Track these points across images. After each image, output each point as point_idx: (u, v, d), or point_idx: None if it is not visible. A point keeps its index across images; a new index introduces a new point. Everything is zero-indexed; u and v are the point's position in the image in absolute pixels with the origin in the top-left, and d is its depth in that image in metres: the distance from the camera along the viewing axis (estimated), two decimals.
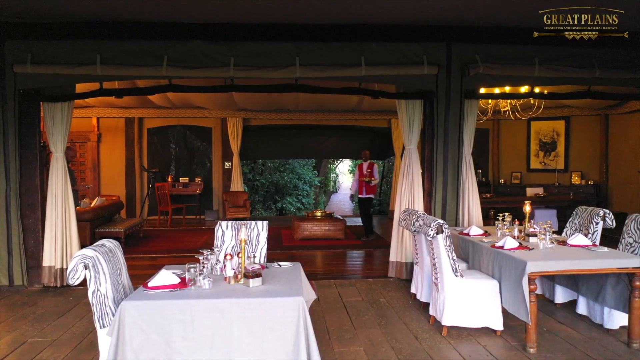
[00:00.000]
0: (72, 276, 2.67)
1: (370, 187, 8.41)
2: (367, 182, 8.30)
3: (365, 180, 8.30)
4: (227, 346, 2.60)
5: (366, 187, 8.37)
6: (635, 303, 3.63)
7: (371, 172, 8.39)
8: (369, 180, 8.28)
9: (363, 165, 8.51)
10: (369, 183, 8.31)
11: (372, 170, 8.42)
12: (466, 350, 3.64)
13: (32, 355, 3.59)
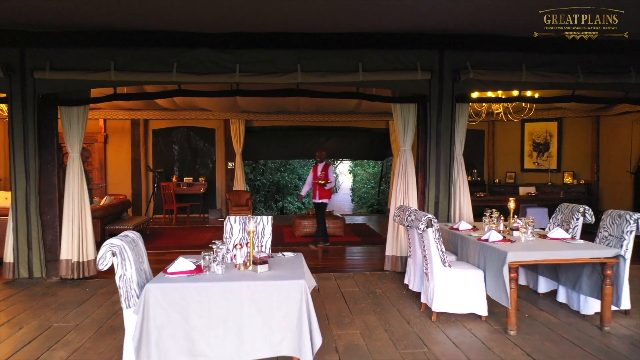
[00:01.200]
0: (102, 262, 3.03)
1: (325, 191, 7.79)
2: (321, 185, 7.73)
3: (319, 183, 7.74)
4: (238, 323, 2.96)
5: (320, 190, 7.76)
6: (607, 290, 4.00)
7: (326, 174, 7.77)
8: (324, 183, 7.71)
9: (317, 167, 7.89)
10: (323, 186, 7.74)
11: (327, 172, 7.79)
12: (453, 333, 4.00)
13: (59, 338, 3.95)
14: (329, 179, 7.76)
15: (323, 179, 7.72)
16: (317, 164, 7.93)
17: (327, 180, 7.74)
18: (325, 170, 7.79)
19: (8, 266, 5.73)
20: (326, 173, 7.78)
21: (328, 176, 7.77)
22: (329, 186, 7.80)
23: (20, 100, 5.60)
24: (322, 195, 7.78)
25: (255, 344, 2.95)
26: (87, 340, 3.90)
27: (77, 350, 3.68)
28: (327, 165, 7.87)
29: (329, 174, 7.80)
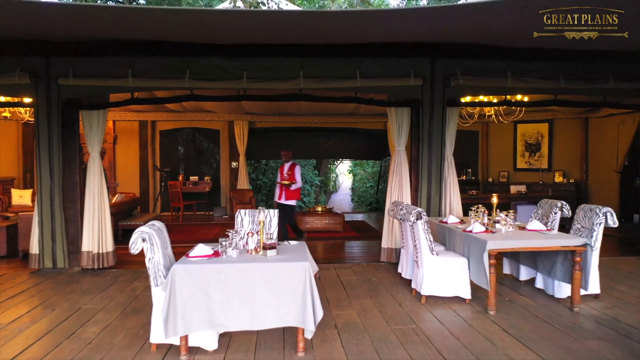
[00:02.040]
0: (133, 247, 3.52)
1: (291, 192, 7.56)
2: (286, 186, 7.56)
3: (283, 184, 7.57)
4: (251, 298, 3.46)
5: (286, 191, 7.55)
6: (576, 275, 4.50)
7: (292, 174, 7.56)
8: (288, 183, 7.52)
9: (284, 167, 7.72)
10: (288, 187, 7.55)
11: (294, 172, 7.58)
12: (440, 313, 4.50)
13: (89, 317, 4.44)
14: (295, 179, 7.51)
15: (289, 179, 7.51)
16: (284, 164, 7.75)
17: (293, 180, 7.49)
18: (291, 171, 7.57)
19: (34, 257, 6.23)
20: (292, 173, 7.54)
21: (294, 176, 7.53)
22: (295, 187, 7.54)
23: (45, 104, 6.10)
24: (289, 196, 7.55)
25: (266, 315, 3.45)
26: (114, 319, 4.40)
27: (106, 327, 4.18)
28: (293, 166, 7.66)
29: (296, 175, 7.55)
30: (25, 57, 6.07)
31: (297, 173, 7.62)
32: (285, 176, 7.58)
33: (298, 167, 7.68)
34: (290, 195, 7.57)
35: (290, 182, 7.50)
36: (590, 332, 3.99)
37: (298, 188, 7.67)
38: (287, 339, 3.84)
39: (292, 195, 7.59)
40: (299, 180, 7.61)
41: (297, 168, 7.66)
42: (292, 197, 7.60)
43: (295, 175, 7.57)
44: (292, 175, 7.56)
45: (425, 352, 3.59)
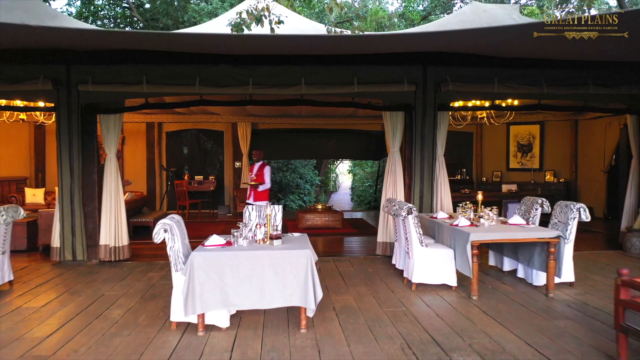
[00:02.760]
0: (157, 237, 4.02)
1: (260, 193, 7.31)
2: (253, 187, 7.31)
3: (250, 184, 7.34)
4: (260, 281, 3.95)
5: (254, 192, 7.31)
6: (550, 264, 4.99)
7: (261, 175, 7.31)
8: (256, 184, 7.26)
9: (253, 167, 7.49)
10: (256, 188, 7.30)
11: (262, 173, 7.32)
12: (428, 298, 4.99)
13: (112, 302, 4.94)
14: (263, 180, 7.29)
15: (257, 179, 7.31)
16: (254, 164, 7.52)
17: (261, 181, 7.29)
18: (260, 171, 7.35)
19: (55, 250, 6.74)
20: (261, 173, 7.32)
21: (263, 177, 7.30)
22: (263, 188, 7.31)
23: (66, 109, 6.60)
24: (257, 197, 7.31)
25: (273, 296, 3.95)
26: (135, 303, 4.90)
27: (129, 310, 4.68)
28: (263, 166, 7.41)
29: (265, 175, 7.31)
30: (48, 65, 6.56)
31: (266, 174, 7.34)
32: (254, 177, 7.36)
33: (268, 168, 7.42)
34: (258, 196, 7.30)
35: (258, 182, 7.27)
36: (560, 314, 4.49)
37: (267, 189, 7.39)
38: (291, 319, 4.33)
39: (260, 196, 7.31)
40: (267, 181, 7.33)
41: (266, 169, 7.38)
42: (260, 198, 7.30)
43: (264, 175, 7.31)
44: (260, 176, 7.31)
45: (412, 329, 4.08)
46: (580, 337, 3.90)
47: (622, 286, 3.23)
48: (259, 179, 7.29)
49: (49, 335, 4.01)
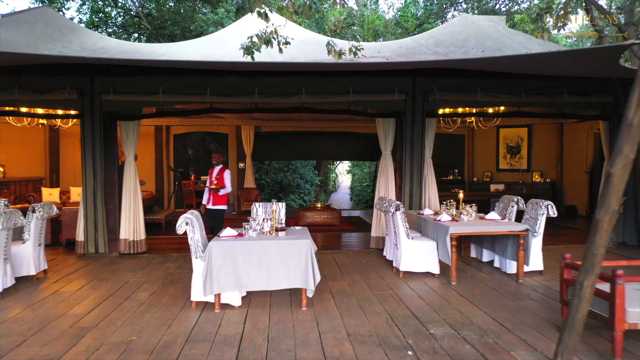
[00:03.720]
0: (179, 229, 4.74)
1: (220, 197, 7.24)
2: (213, 190, 7.23)
3: (211, 188, 7.25)
4: (268, 266, 4.67)
5: (214, 196, 7.23)
6: (520, 254, 5.71)
7: (221, 178, 7.26)
8: (216, 188, 7.19)
9: (213, 171, 7.41)
10: (216, 191, 7.22)
11: (222, 176, 7.27)
12: (413, 284, 5.70)
13: (137, 287, 5.65)
14: (224, 184, 7.24)
15: (217, 183, 7.23)
16: (214, 167, 7.45)
17: (222, 185, 7.23)
18: (220, 175, 7.29)
19: (79, 244, 7.46)
20: (221, 177, 7.27)
21: (223, 181, 7.25)
22: (223, 192, 7.25)
23: (90, 116, 7.31)
24: (217, 201, 7.24)
25: (278, 279, 4.67)
26: (157, 287, 5.62)
27: (153, 293, 5.39)
28: (223, 169, 7.36)
29: (225, 179, 7.27)
30: (74, 77, 7.27)
31: (226, 178, 7.30)
32: (214, 180, 7.29)
33: (228, 172, 7.37)
34: (218, 200, 7.25)
35: (219, 186, 7.22)
36: (525, 296, 5.21)
37: (227, 193, 7.35)
38: (294, 299, 5.05)
39: (220, 200, 7.28)
40: (228, 185, 7.29)
41: (226, 172, 7.34)
42: (220, 202, 7.28)
43: (224, 179, 7.28)
44: (221, 180, 7.26)
45: (397, 307, 4.80)
46: (539, 313, 4.61)
47: (565, 267, 3.94)
48: (220, 183, 7.23)
49: (88, 312, 4.73)
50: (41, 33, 8.85)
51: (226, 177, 7.30)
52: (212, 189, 7.24)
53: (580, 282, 3.03)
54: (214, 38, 9.65)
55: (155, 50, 8.59)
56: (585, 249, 3.01)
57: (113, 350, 3.76)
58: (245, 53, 5.43)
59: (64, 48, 8.00)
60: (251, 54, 5.44)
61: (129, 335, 4.08)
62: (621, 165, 2.75)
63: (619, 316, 3.34)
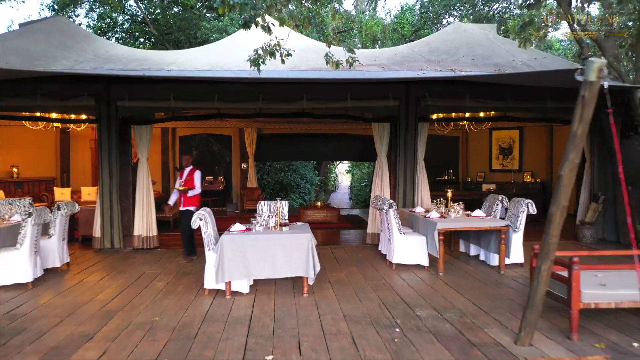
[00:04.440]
0: (194, 224, 5.30)
1: (190, 198, 7.23)
2: (182, 192, 7.23)
3: (179, 189, 7.27)
4: (273, 258, 5.23)
5: (184, 198, 7.24)
6: (502, 248, 6.27)
7: (191, 179, 7.24)
8: (184, 189, 7.19)
9: (183, 172, 7.40)
10: (185, 193, 7.21)
11: (192, 178, 7.25)
12: (404, 275, 6.27)
13: (153, 278, 6.22)
14: (193, 185, 7.23)
15: (186, 184, 7.23)
16: (184, 169, 7.45)
17: (191, 186, 7.22)
18: (190, 176, 7.28)
19: (96, 239, 8.02)
20: (191, 178, 7.26)
21: (193, 182, 7.24)
22: (192, 193, 7.24)
23: (106, 121, 7.88)
24: (187, 203, 7.24)
25: (282, 269, 5.23)
26: (172, 278, 6.18)
27: (169, 283, 5.95)
28: (193, 170, 7.33)
29: (195, 180, 7.26)
30: (91, 84, 7.83)
31: (197, 179, 7.28)
32: (181, 182, 7.31)
33: (198, 173, 7.34)
34: (188, 201, 7.27)
35: (188, 187, 7.22)
36: (505, 285, 5.77)
37: (197, 194, 7.33)
38: (296, 288, 5.61)
39: (190, 202, 7.28)
40: (198, 186, 7.28)
41: (196, 173, 7.31)
42: (190, 203, 7.27)
43: (194, 180, 7.27)
44: (190, 181, 7.27)
45: (388, 294, 5.36)
46: (515, 299, 5.17)
47: (534, 257, 4.50)
48: (189, 184, 7.23)
49: (112, 298, 5.29)
50: (57, 42, 9.46)
51: (196, 178, 7.28)
52: (181, 190, 7.25)
53: (538, 267, 3.60)
54: (219, 45, 10.24)
55: (165, 57, 9.21)
56: (542, 239, 3.57)
57: (139, 328, 4.32)
58: (252, 65, 6.00)
59: (79, 56, 8.63)
60: (257, 66, 6.02)
61: (152, 317, 4.65)
62: (569, 169, 3.32)
63: (575, 297, 3.90)
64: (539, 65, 9.04)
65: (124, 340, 4.03)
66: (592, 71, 3.24)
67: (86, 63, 8.41)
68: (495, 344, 3.92)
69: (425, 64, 9.04)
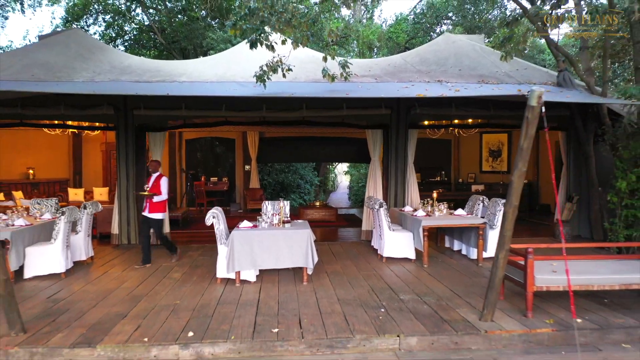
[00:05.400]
0: (208, 221, 6.08)
1: (155, 204, 7.19)
2: (148, 197, 7.21)
3: (142, 194, 7.30)
4: (276, 250, 6.01)
5: (150, 203, 7.19)
6: (480, 242, 7.06)
7: (157, 185, 7.19)
8: (150, 195, 7.15)
9: (150, 178, 7.38)
10: (150, 198, 7.18)
11: (159, 184, 7.20)
12: (392, 267, 7.05)
13: (170, 269, 6.99)
14: (159, 191, 7.17)
15: (152, 190, 7.18)
16: (151, 175, 7.42)
17: (157, 192, 7.16)
18: (156, 182, 7.23)
19: (114, 236, 8.80)
20: (157, 184, 7.21)
21: (159, 188, 7.19)
22: (158, 199, 7.19)
23: (124, 129, 8.65)
24: (152, 209, 7.20)
25: (285, 260, 6.02)
26: (187, 269, 6.96)
27: (184, 273, 6.73)
28: (159, 177, 7.30)
29: (161, 186, 7.20)
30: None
31: (163, 185, 7.24)
32: (148, 187, 7.29)
33: (165, 179, 7.32)
34: (154, 207, 7.23)
35: (153, 193, 7.18)
36: (480, 275, 6.55)
37: (163, 200, 7.29)
38: (297, 277, 6.39)
39: (156, 208, 7.25)
40: (164, 192, 7.24)
41: (163, 179, 7.28)
42: (157, 209, 7.26)
43: (160, 187, 7.22)
44: (157, 187, 7.22)
45: (377, 282, 6.15)
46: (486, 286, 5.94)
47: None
48: (155, 190, 7.20)
49: (137, 286, 6.07)
50: (75, 53, 10.27)
51: (162, 185, 7.24)
52: (146, 196, 7.25)
53: (496, 255, 4.38)
54: (225, 56, 11.01)
55: (176, 68, 10.01)
56: (499, 232, 4.35)
57: (164, 309, 5.10)
58: (258, 80, 6.78)
59: (96, 67, 9.44)
60: (263, 82, 6.80)
61: (173, 300, 5.43)
62: (517, 176, 4.11)
63: (529, 281, 4.68)
64: (520, 75, 9.87)
65: (153, 318, 4.82)
66: (533, 98, 4.02)
67: (104, 74, 9.23)
68: (463, 320, 4.70)
69: (415, 75, 9.84)
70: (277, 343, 4.24)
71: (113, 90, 7.66)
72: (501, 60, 8.72)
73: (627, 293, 5.49)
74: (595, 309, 5.04)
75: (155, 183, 7.29)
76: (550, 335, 4.43)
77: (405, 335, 4.34)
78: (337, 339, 4.28)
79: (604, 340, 4.45)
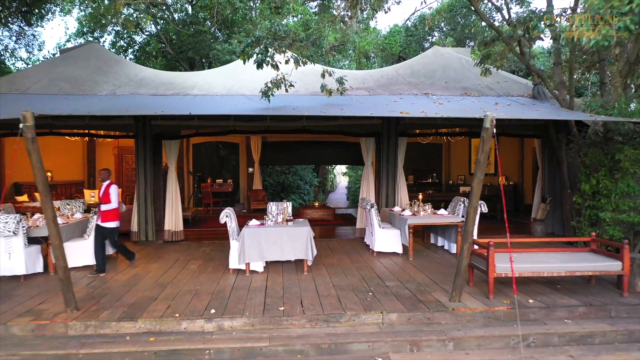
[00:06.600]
0: (222, 220, 7.07)
1: (106, 213, 7.08)
2: (97, 204, 7.23)
3: (97, 204, 7.22)
4: (280, 245, 7.00)
5: (101, 212, 7.09)
6: (458, 238, 8.04)
7: (107, 194, 7.07)
8: (99, 203, 7.13)
9: (101, 187, 7.25)
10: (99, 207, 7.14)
11: (108, 192, 7.07)
12: (382, 259, 8.03)
13: (187, 262, 7.97)
14: (109, 199, 7.04)
15: (101, 199, 7.09)
16: (101, 183, 7.31)
17: (107, 201, 7.04)
18: (106, 190, 7.11)
19: (134, 233, 9.79)
20: (107, 193, 7.08)
21: (109, 196, 7.06)
22: (108, 207, 7.07)
23: (142, 137, 9.64)
24: (105, 218, 7.10)
25: (288, 253, 7.01)
26: (202, 262, 7.95)
27: (200, 265, 7.72)
28: (109, 185, 7.16)
29: (111, 195, 7.06)
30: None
31: (113, 193, 7.10)
32: (100, 195, 7.19)
33: (114, 187, 7.17)
34: (105, 216, 7.11)
35: (102, 201, 7.08)
36: None
37: (114, 209, 7.16)
38: (298, 268, 7.38)
39: (108, 217, 7.13)
40: (114, 200, 7.09)
41: (112, 188, 7.13)
42: (109, 218, 7.14)
43: (110, 195, 7.08)
44: (106, 195, 7.09)
45: (367, 272, 7.14)
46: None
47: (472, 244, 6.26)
48: (104, 198, 7.08)
49: (161, 275, 7.06)
50: (95, 67, 11.28)
51: (112, 193, 7.11)
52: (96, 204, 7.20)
53: (462, 247, 5.38)
54: (232, 68, 12.00)
55: (187, 80, 11.01)
56: (463, 228, 5.34)
57: (188, 293, 6.09)
58: (263, 95, 7.77)
59: (115, 80, 10.44)
60: (268, 97, 7.79)
61: (194, 286, 6.42)
62: (476, 183, 5.10)
63: (491, 269, 5.67)
64: (500, 88, 10.88)
65: (179, 299, 5.81)
66: (487, 121, 5.01)
67: (123, 87, 10.24)
68: (436, 301, 5.69)
69: (405, 87, 10.86)
70: (283, 318, 5.23)
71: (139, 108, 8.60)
72: (481, 75, 9.72)
73: (578, 279, 6.50)
74: (547, 292, 6.03)
75: (106, 191, 7.13)
76: (505, 312, 5.42)
77: (388, 312, 5.33)
78: (332, 315, 5.27)
79: (550, 317, 5.45)
